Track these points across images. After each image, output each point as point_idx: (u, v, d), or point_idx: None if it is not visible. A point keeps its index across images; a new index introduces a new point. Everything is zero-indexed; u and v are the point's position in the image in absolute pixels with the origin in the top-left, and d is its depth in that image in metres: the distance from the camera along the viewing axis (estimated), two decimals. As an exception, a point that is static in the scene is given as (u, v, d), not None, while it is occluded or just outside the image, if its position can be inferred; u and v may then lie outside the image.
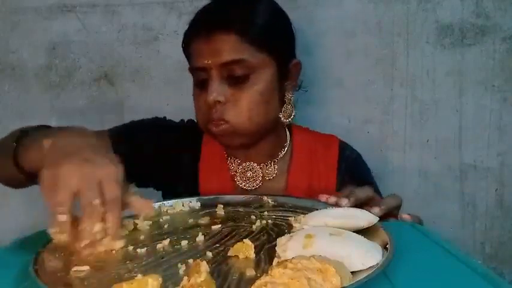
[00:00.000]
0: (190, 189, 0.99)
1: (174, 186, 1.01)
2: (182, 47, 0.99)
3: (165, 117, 1.08)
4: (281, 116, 0.97)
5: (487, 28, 1.25)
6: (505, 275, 1.32)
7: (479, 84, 1.27)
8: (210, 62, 0.89)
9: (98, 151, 0.66)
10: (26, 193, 0.98)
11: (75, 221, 0.59)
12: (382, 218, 0.73)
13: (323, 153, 1.03)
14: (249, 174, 1.00)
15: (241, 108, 0.90)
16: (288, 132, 1.05)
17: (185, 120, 1.09)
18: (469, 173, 1.30)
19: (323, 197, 0.77)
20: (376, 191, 1.04)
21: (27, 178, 0.80)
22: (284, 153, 1.02)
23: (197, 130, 1.03)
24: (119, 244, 0.63)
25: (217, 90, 0.89)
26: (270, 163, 1.01)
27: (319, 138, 1.06)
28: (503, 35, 1.25)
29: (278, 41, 0.95)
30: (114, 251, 0.63)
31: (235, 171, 1.01)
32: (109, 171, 0.62)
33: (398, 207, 0.80)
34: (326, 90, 1.28)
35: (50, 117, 1.29)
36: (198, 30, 0.92)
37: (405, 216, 0.78)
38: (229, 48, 0.88)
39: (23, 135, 0.81)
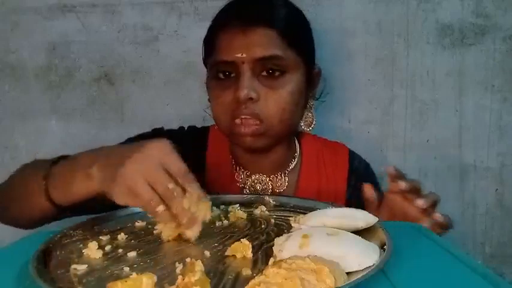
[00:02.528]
0: None
1: None
2: (205, 40, 0.95)
3: (162, 128, 1.04)
4: (302, 123, 0.96)
5: (487, 28, 1.25)
6: (505, 275, 1.31)
7: (479, 84, 1.27)
8: (244, 55, 0.84)
9: (134, 145, 0.66)
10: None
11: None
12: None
13: (332, 162, 1.02)
14: (258, 187, 0.98)
15: (274, 107, 0.86)
16: (297, 142, 1.03)
17: (185, 128, 1.06)
18: (469, 173, 1.30)
19: (390, 169, 0.77)
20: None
21: (58, 212, 0.76)
22: (294, 165, 1.00)
23: (200, 136, 1.01)
24: (208, 208, 0.65)
25: (250, 86, 0.84)
26: (280, 175, 0.99)
27: (328, 146, 1.05)
28: (503, 35, 1.25)
29: (308, 44, 0.95)
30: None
31: (244, 184, 0.98)
32: (159, 149, 0.63)
33: (435, 205, 0.79)
34: (326, 91, 1.27)
35: (50, 117, 1.29)
36: (230, 23, 0.88)
37: (437, 216, 0.77)
38: (266, 42, 0.85)
39: (47, 171, 0.74)
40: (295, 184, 0.99)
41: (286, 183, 0.98)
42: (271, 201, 0.84)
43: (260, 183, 0.98)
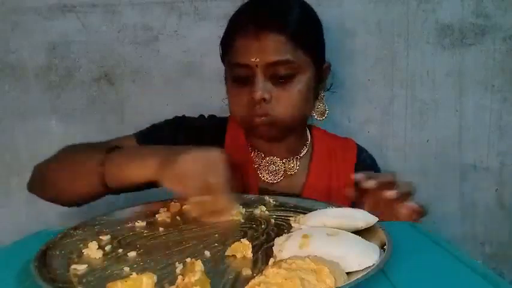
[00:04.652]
0: None
1: None
2: (221, 42, 1.01)
3: (184, 115, 1.10)
4: (314, 114, 1.02)
5: (487, 28, 1.25)
6: (505, 275, 1.31)
7: (479, 84, 1.27)
8: (258, 60, 0.91)
9: (194, 147, 0.77)
10: (26, 193, 0.98)
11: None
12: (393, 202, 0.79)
13: (342, 156, 1.07)
14: (272, 168, 1.04)
15: (285, 106, 0.93)
16: (308, 132, 1.09)
17: (205, 116, 1.12)
18: (469, 173, 1.30)
19: (358, 175, 0.82)
20: None
21: (105, 193, 0.87)
22: (305, 152, 1.06)
23: (220, 125, 1.08)
24: (229, 217, 0.76)
25: (263, 88, 0.91)
26: (292, 159, 1.05)
27: (337, 141, 1.10)
28: (503, 35, 1.25)
29: (318, 45, 1.00)
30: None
31: (259, 164, 1.04)
32: (216, 154, 0.76)
33: (411, 194, 0.83)
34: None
35: (50, 117, 1.29)
36: (245, 27, 0.93)
37: (410, 205, 0.81)
38: (278, 48, 0.91)
39: (105, 158, 0.84)
40: (307, 168, 1.05)
41: (298, 167, 1.04)
42: (271, 201, 0.85)
43: (274, 165, 1.04)
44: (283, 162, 1.04)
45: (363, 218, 0.65)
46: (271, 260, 0.54)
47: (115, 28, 1.27)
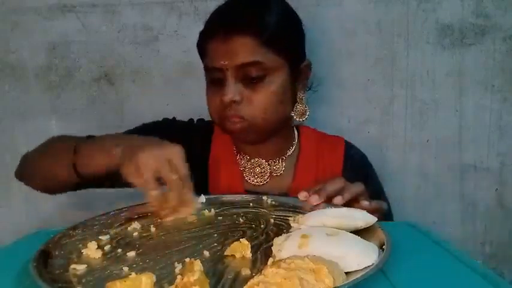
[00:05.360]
0: (199, 184, 0.98)
1: None
2: (197, 45, 1.01)
3: (174, 118, 1.11)
4: (293, 114, 1.00)
5: (487, 28, 1.25)
6: (505, 275, 1.31)
7: (479, 84, 1.27)
8: (226, 63, 0.91)
9: (159, 140, 0.80)
10: (26, 193, 0.99)
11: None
12: (348, 204, 0.77)
13: (329, 153, 1.06)
14: (257, 170, 1.03)
15: (257, 108, 0.93)
16: (296, 132, 1.08)
17: (195, 120, 1.12)
18: (469, 173, 1.30)
19: (301, 195, 0.82)
20: (381, 191, 1.06)
21: (82, 182, 0.90)
22: (292, 151, 1.05)
23: (207, 128, 1.08)
24: (190, 211, 0.78)
25: (233, 91, 0.91)
26: (278, 160, 1.04)
27: (326, 139, 1.09)
28: (503, 35, 1.25)
29: (292, 44, 0.98)
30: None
31: (244, 167, 1.04)
32: (175, 151, 0.77)
33: (363, 194, 0.82)
34: (326, 90, 1.27)
35: (50, 117, 1.29)
36: (215, 31, 0.94)
37: (365, 204, 0.80)
38: (245, 50, 0.91)
39: (77, 146, 0.88)
40: (293, 169, 1.04)
41: (283, 168, 1.04)
42: (270, 201, 0.85)
43: (259, 167, 1.03)
44: (268, 164, 1.03)
45: (362, 217, 0.65)
46: (270, 260, 0.54)
47: (115, 28, 1.27)
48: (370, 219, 0.65)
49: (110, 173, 0.81)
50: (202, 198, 0.86)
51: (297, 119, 1.00)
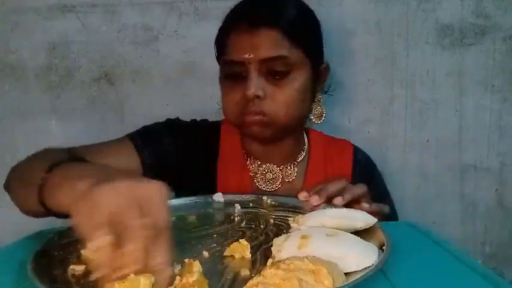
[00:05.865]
0: (208, 188, 0.96)
1: (191, 185, 0.93)
2: (216, 40, 0.99)
3: (177, 118, 1.07)
4: (312, 116, 0.99)
5: (487, 28, 1.25)
6: (505, 275, 1.31)
7: (479, 84, 1.27)
8: (251, 56, 0.88)
9: (137, 175, 0.57)
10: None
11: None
12: (349, 206, 0.77)
13: (338, 157, 1.05)
14: (269, 176, 1.01)
15: (280, 104, 0.90)
16: (305, 136, 1.06)
17: (197, 120, 1.09)
18: (469, 173, 1.30)
19: (302, 196, 0.81)
20: (386, 194, 1.07)
21: (50, 214, 0.67)
22: (303, 156, 1.03)
23: (213, 128, 1.05)
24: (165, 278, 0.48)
25: (257, 85, 0.89)
26: (290, 165, 1.02)
27: (333, 142, 1.08)
28: (503, 35, 1.25)
29: (315, 42, 0.98)
30: None
31: (255, 172, 1.01)
32: (155, 190, 0.51)
33: (364, 196, 0.82)
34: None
35: (50, 117, 1.29)
36: (239, 24, 0.91)
37: (365, 206, 0.80)
38: (272, 44, 0.89)
39: (45, 177, 0.65)
40: (304, 174, 1.02)
41: (295, 174, 1.01)
42: (270, 201, 0.84)
43: (271, 172, 1.01)
44: (280, 169, 1.01)
45: (362, 218, 0.65)
46: (270, 261, 0.54)
47: (115, 28, 1.27)
48: (370, 220, 0.65)
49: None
50: (220, 197, 0.85)
51: (315, 121, 1.00)
